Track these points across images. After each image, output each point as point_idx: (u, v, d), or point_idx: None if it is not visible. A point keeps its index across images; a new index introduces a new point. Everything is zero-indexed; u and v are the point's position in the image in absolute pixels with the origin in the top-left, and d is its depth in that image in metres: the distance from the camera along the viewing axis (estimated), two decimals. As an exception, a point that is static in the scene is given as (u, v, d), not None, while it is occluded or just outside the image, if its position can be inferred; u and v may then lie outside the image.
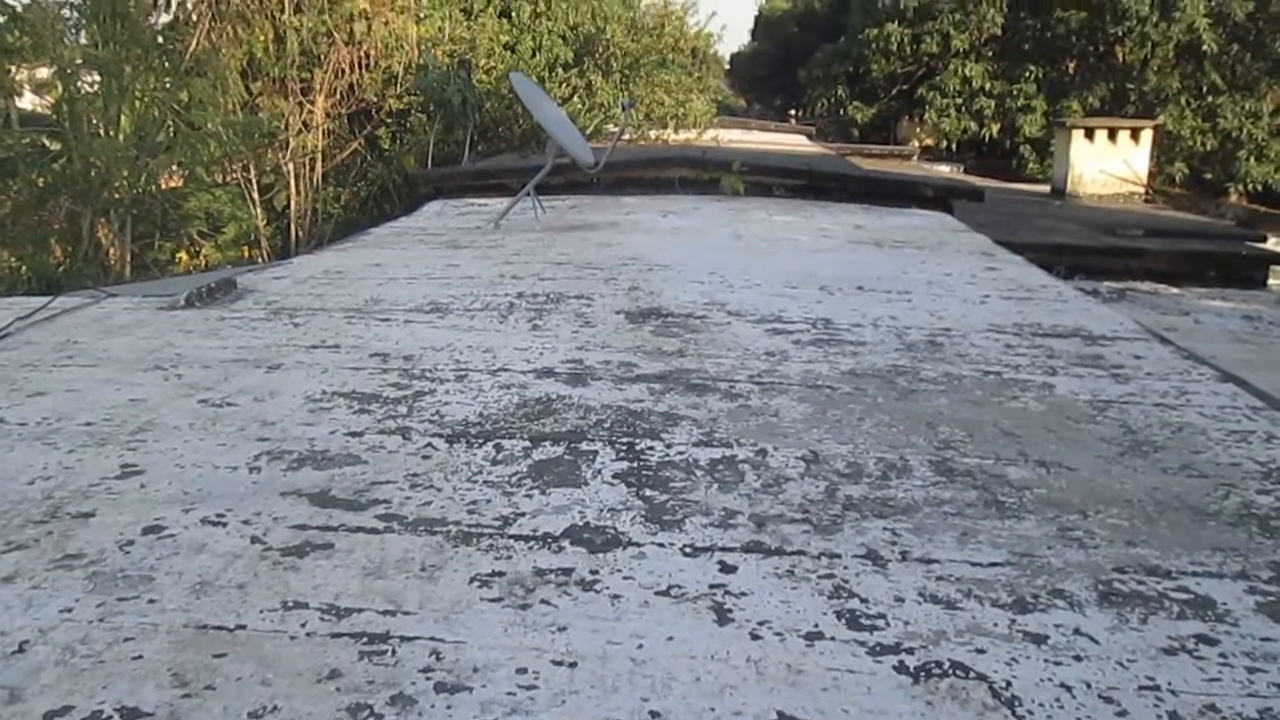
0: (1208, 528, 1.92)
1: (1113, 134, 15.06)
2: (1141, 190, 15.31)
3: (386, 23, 10.73)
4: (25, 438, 2.36)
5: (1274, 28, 25.67)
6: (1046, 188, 16.49)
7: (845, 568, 1.72)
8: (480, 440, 2.35)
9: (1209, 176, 26.85)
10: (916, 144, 29.65)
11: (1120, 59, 27.96)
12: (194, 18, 9.42)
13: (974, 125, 29.03)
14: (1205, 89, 26.78)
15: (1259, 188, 25.92)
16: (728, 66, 49.28)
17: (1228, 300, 6.62)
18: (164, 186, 9.39)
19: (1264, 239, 10.27)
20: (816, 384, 2.85)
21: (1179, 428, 2.53)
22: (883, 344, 3.32)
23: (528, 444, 2.33)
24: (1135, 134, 15.24)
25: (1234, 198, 25.29)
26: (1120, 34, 27.16)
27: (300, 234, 10.29)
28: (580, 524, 1.88)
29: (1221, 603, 1.62)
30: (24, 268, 7.78)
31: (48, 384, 2.82)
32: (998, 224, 8.23)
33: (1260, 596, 1.65)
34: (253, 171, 9.91)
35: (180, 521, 1.88)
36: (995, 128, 28.93)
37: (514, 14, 13.72)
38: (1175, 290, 7.09)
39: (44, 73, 8.90)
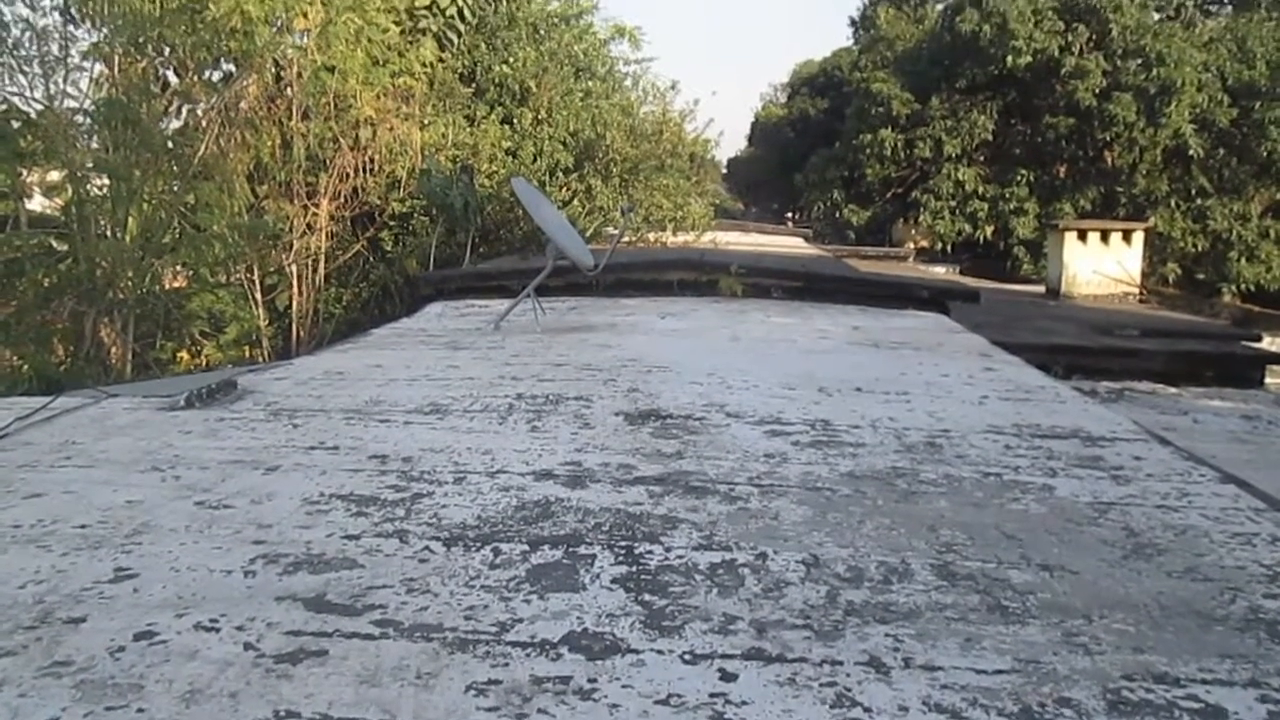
0: (1215, 633, 1.90)
1: (1105, 236, 15.30)
2: (1136, 290, 15.47)
3: (391, 129, 10.99)
4: (19, 540, 2.34)
5: (1257, 133, 26.28)
6: (1041, 288, 16.66)
7: (848, 675, 1.69)
8: (478, 544, 2.33)
9: (1202, 276, 27.16)
10: (912, 246, 30.08)
11: (1110, 163, 28.55)
12: (204, 123, 9.64)
13: (968, 227, 29.50)
14: (1194, 192, 27.30)
15: (1251, 287, 26.21)
16: (725, 171, 50.35)
17: (1226, 400, 6.62)
18: (168, 286, 9.50)
19: (1259, 338, 10.34)
20: (816, 486, 2.84)
21: (1182, 530, 2.52)
22: (882, 445, 3.32)
23: (526, 547, 2.31)
24: (1127, 235, 15.47)
25: (1227, 297, 25.54)
26: (1109, 139, 27.79)
27: (302, 334, 10.35)
28: (578, 630, 1.86)
29: (1233, 712, 1.59)
30: (26, 367, 7.81)
31: (44, 485, 2.81)
32: (994, 324, 8.30)
33: (1272, 705, 1.61)
34: (256, 272, 10.02)
35: (173, 627, 1.85)
36: (989, 230, 29.39)
37: (516, 121, 14.05)
38: (1173, 390, 7.09)
39: (55, 175, 9.05)
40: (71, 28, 8.87)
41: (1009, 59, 28.28)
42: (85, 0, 8.67)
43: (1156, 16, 29.65)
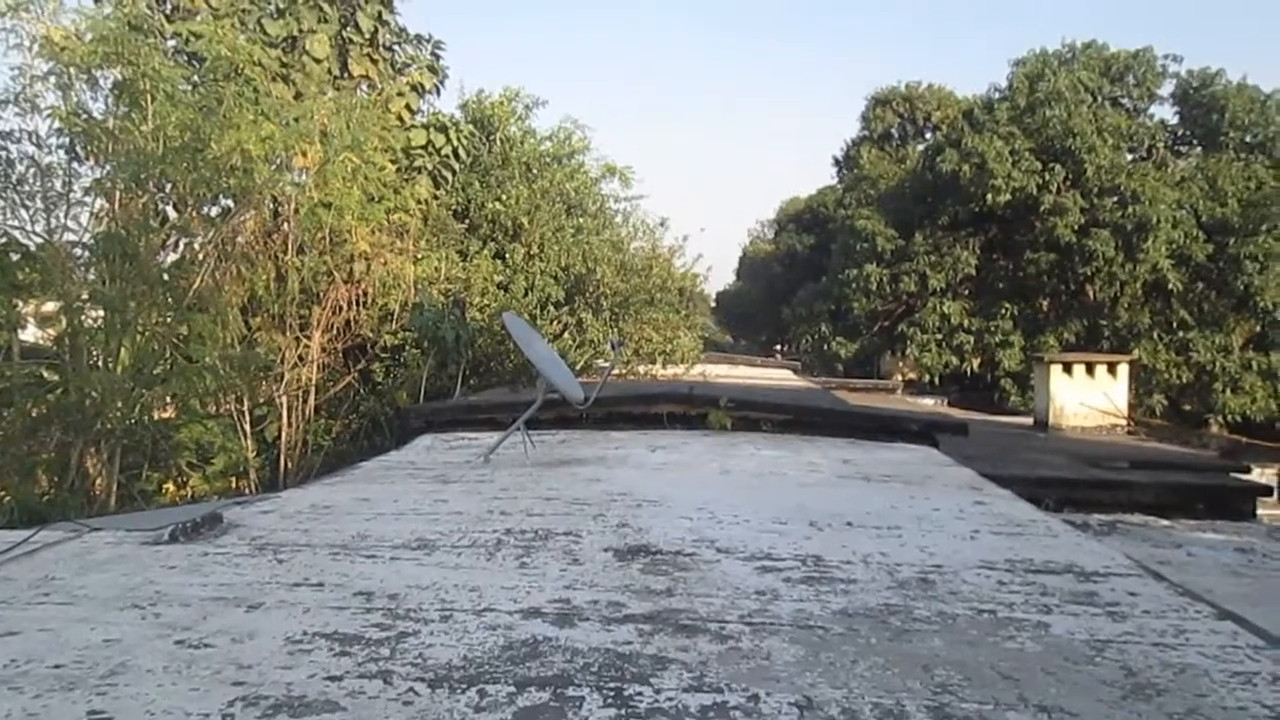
0: (1219, 780, 1.85)
1: (1090, 368, 15.44)
2: (1123, 422, 15.53)
3: (385, 263, 11.18)
4: (-9, 682, 2.28)
5: (1233, 268, 26.90)
6: (1029, 420, 16.72)
7: (844, 826, 1.64)
8: (464, 685, 2.28)
9: (1188, 408, 27.39)
10: (900, 378, 30.32)
11: (1091, 297, 29.10)
12: (200, 257, 9.79)
13: (955, 360, 29.84)
14: (1175, 324, 27.77)
15: (1238, 418, 26.40)
16: (714, 304, 51.04)
17: (1219, 532, 6.58)
18: (157, 417, 9.48)
19: (1248, 470, 10.35)
20: (808, 624, 2.80)
21: (1181, 669, 2.47)
22: (874, 582, 3.28)
23: (512, 689, 2.25)
24: (1112, 368, 15.62)
25: (1215, 428, 25.70)
26: (1089, 273, 28.40)
27: (290, 465, 10.29)
28: (566, 777, 1.80)
29: None
30: (8, 498, 7.72)
31: (20, 623, 2.74)
32: (984, 457, 8.30)
33: None
34: (246, 403, 10.02)
35: (145, 775, 1.79)
36: (976, 362, 29.74)
37: (508, 256, 14.31)
38: (1165, 522, 7.06)
39: (50, 306, 9.13)
40: (76, 164, 9.09)
41: (989, 197, 29.11)
42: (90, 139, 8.90)
43: (1130, 157, 30.70)
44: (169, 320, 9.20)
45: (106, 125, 9.07)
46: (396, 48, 14.77)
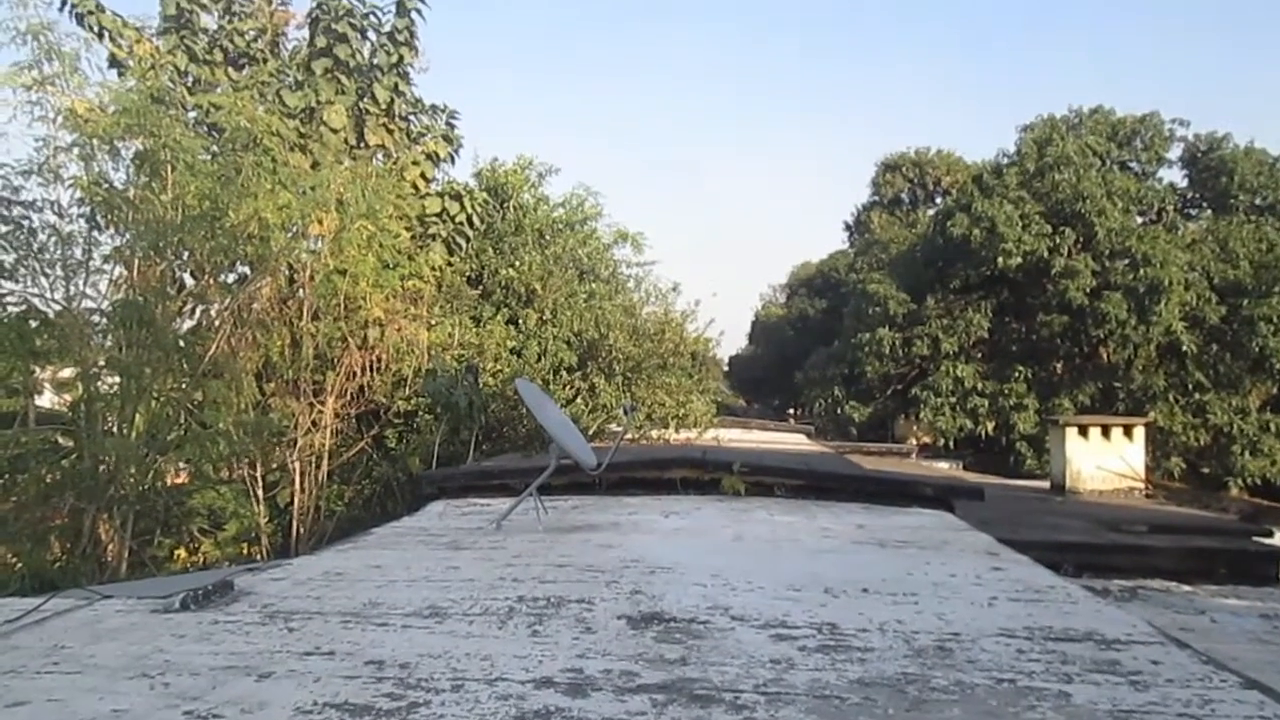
0: None
1: (1106, 431, 15.34)
2: (1141, 485, 15.39)
3: (399, 329, 11.24)
4: (-2, 754, 2.26)
5: (1247, 330, 26.82)
6: (1046, 484, 16.58)
7: None
8: (474, 757, 2.24)
9: (1206, 471, 27.13)
10: (914, 442, 30.16)
11: (1105, 359, 29.01)
12: (216, 323, 9.88)
13: (969, 423, 29.69)
14: (1191, 386, 27.63)
15: (1257, 481, 26.12)
16: (727, 368, 51.11)
17: (1242, 598, 6.48)
18: (170, 483, 9.49)
19: (1270, 533, 10.20)
20: (824, 694, 2.75)
21: (1206, 741, 2.42)
22: (891, 650, 3.24)
23: (524, 761, 2.22)
24: (1128, 431, 15.52)
25: (1234, 491, 25.43)
26: (1102, 336, 28.36)
27: (302, 531, 10.26)
28: None
29: None
30: (20, 565, 7.70)
31: (29, 693, 2.72)
32: (1000, 521, 8.22)
33: None
34: (259, 468, 10.03)
35: None
36: (990, 425, 29.58)
37: (521, 321, 14.39)
38: (1187, 588, 6.96)
39: (67, 372, 9.19)
40: (96, 232, 9.21)
41: (1000, 260, 29.21)
42: (111, 208, 9.04)
43: (1140, 220, 30.85)
44: (184, 386, 9.25)
45: (127, 194, 9.20)
46: (412, 117, 15.03)
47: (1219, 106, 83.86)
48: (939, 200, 44.08)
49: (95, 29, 12.90)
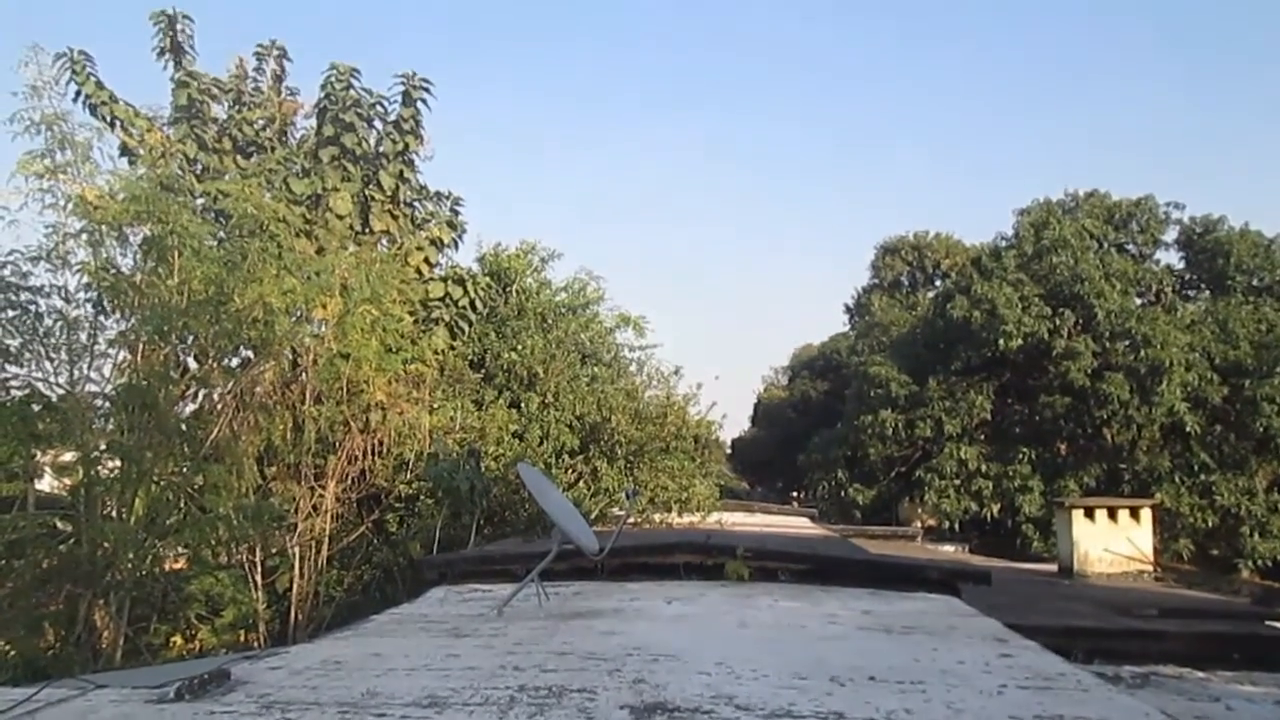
0: None
1: (1112, 513, 15.22)
2: (1150, 568, 15.22)
3: (401, 413, 11.25)
4: None
5: (1251, 410, 26.78)
6: (1053, 566, 16.40)
7: None
8: None
9: (1216, 553, 26.85)
10: (919, 524, 29.91)
11: (1109, 440, 28.91)
12: (219, 407, 9.89)
13: (974, 505, 29.46)
14: (1196, 467, 27.48)
15: (1268, 563, 25.82)
16: (729, 451, 50.91)
17: (1257, 684, 6.36)
18: (168, 568, 9.40)
19: (1282, 618, 10.06)
20: (833, 787, 2.69)
21: (1226, 837, 2.35)
22: (900, 740, 3.17)
23: None
24: (1135, 512, 15.40)
25: (1245, 573, 25.14)
26: (1105, 417, 28.30)
27: (300, 617, 10.14)
28: None
29: None
30: (13, 653, 7.59)
31: (18, 789, 2.67)
32: (1008, 606, 8.10)
33: None
34: (258, 553, 9.95)
35: None
36: (995, 507, 29.34)
37: (523, 405, 14.40)
38: (1200, 674, 6.83)
39: (68, 455, 9.16)
40: (102, 317, 9.28)
41: (1001, 342, 29.31)
42: (117, 293, 9.12)
43: (1139, 301, 31.05)
44: (185, 470, 9.22)
45: (134, 279, 9.29)
46: (417, 204, 15.25)
47: (1213, 189, 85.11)
48: (938, 283, 44.44)
49: (108, 119, 13.18)
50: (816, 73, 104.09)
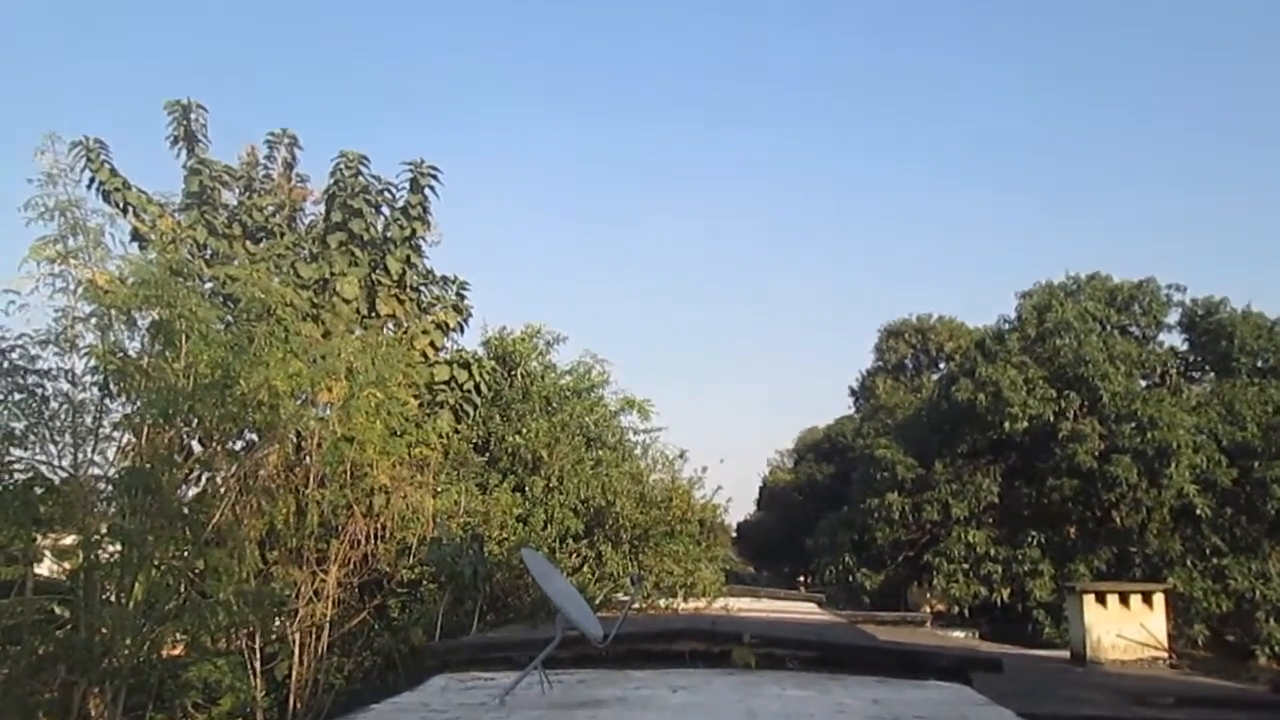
0: None
1: (1124, 598, 15.01)
2: (1164, 655, 14.94)
3: (405, 496, 11.18)
4: None
5: (1261, 492, 26.59)
6: (1066, 653, 16.11)
7: None
8: None
9: (1231, 638, 26.42)
10: (928, 610, 29.52)
11: (1119, 523, 28.67)
12: (222, 490, 9.83)
13: (984, 590, 29.09)
14: (1209, 551, 27.20)
15: (1286, 650, 25.36)
16: (735, 535, 50.45)
17: (1278, 778, 6.21)
18: (165, 654, 9.25)
19: (1301, 710, 9.84)
20: None
21: None
22: (912, 837, 3.08)
23: None
24: (1147, 597, 15.18)
25: (1262, 660, 24.71)
26: (1114, 499, 28.11)
27: (299, 705, 9.96)
28: None
29: None
30: (3, 744, 7.44)
31: None
32: (1020, 694, 7.95)
33: None
34: (257, 639, 9.81)
35: None
36: (1005, 592, 28.96)
37: (527, 488, 14.34)
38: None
39: (69, 539, 9.09)
40: (108, 400, 9.29)
41: (1006, 425, 29.26)
42: (124, 376, 9.14)
43: (1143, 383, 31.05)
44: (186, 554, 9.14)
45: (140, 363, 9.32)
46: (423, 288, 15.37)
47: (1215, 270, 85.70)
48: (942, 365, 44.56)
49: (121, 205, 13.38)
50: (817, 156, 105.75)
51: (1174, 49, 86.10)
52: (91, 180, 13.22)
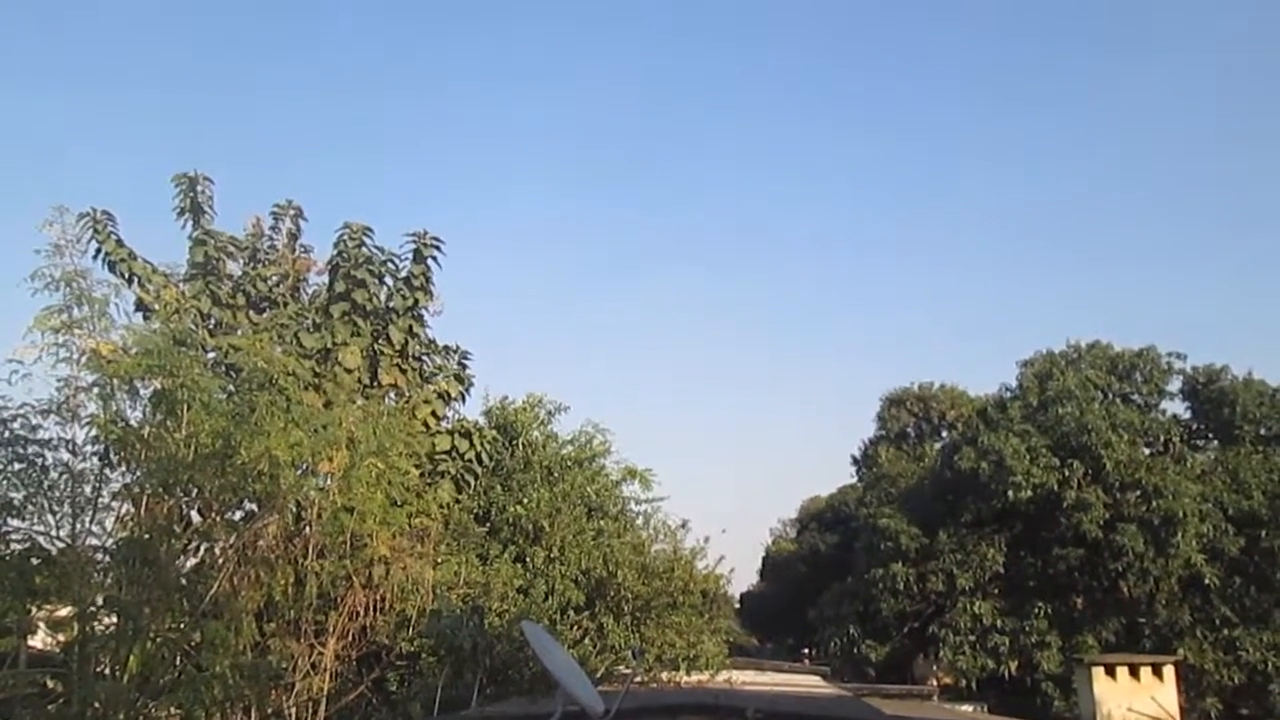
0: None
1: (1135, 670, 14.82)
2: (1177, 730, 14.67)
3: (405, 567, 11.07)
4: None
5: (1269, 561, 26.33)
6: (1076, 728, 15.81)
7: None
8: None
9: (1245, 711, 26.00)
10: (935, 683, 29.11)
11: (1126, 593, 28.35)
12: (220, 561, 9.74)
13: (991, 662, 28.65)
14: (1219, 621, 26.86)
15: (1300, 727, 24.93)
16: (738, 606, 49.84)
17: None
18: (156, 729, 9.08)
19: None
20: None
21: None
22: None
23: None
24: (1158, 670, 14.98)
25: (1278, 738, 24.27)
26: (1121, 569, 27.83)
27: (293, 784, 9.75)
28: None
29: None
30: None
31: None
32: (1031, 771, 7.79)
33: None
34: (253, 714, 9.63)
35: None
36: (1013, 664, 28.53)
37: (528, 559, 14.22)
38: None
39: (63, 610, 8.98)
40: (108, 470, 9.26)
41: (1010, 493, 29.10)
42: (125, 445, 9.12)
43: (1147, 451, 30.93)
44: (182, 626, 9.02)
45: (141, 432, 9.30)
46: (425, 358, 15.41)
47: (1215, 338, 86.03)
48: (945, 434, 44.44)
49: (126, 275, 13.48)
50: (818, 226, 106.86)
51: (1171, 129, 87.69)
52: (98, 251, 13.34)
